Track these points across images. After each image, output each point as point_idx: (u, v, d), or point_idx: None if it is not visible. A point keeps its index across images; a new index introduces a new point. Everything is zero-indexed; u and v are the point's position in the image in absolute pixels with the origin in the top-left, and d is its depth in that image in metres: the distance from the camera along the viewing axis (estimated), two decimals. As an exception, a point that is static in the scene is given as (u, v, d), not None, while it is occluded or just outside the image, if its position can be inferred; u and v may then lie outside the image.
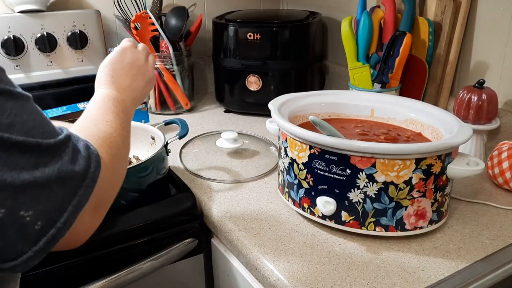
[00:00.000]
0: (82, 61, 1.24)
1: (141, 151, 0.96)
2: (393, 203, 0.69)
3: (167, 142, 0.89)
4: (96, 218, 0.48)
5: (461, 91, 0.96)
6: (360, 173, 0.68)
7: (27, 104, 0.41)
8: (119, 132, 0.54)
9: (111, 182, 0.49)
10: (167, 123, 0.98)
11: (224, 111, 1.34)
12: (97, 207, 0.46)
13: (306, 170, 0.73)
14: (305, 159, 0.73)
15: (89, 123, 0.53)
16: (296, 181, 0.76)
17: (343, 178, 0.70)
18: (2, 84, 0.39)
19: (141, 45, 0.69)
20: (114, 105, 0.58)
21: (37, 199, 0.39)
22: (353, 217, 0.71)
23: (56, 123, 0.45)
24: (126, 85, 0.62)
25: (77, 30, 1.20)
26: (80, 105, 1.13)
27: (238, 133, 1.05)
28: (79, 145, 0.44)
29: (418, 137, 0.82)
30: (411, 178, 0.68)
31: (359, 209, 0.70)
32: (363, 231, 0.72)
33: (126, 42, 0.68)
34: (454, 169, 0.70)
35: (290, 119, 0.82)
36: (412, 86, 1.14)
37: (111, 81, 0.61)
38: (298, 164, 0.75)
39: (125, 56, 0.65)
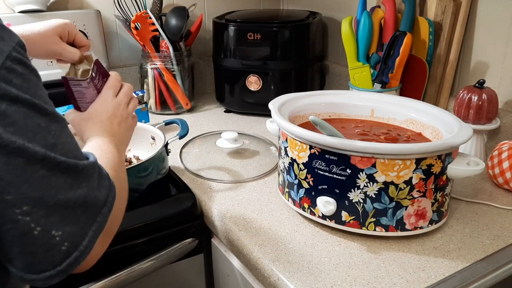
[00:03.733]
0: (82, 61, 1.24)
1: (141, 151, 0.96)
2: (393, 203, 0.69)
3: (167, 142, 0.89)
4: (104, 245, 0.50)
5: (461, 91, 0.96)
6: (360, 173, 0.68)
7: (65, 128, 0.44)
8: (120, 166, 0.57)
9: (119, 210, 0.52)
10: (167, 123, 0.98)
11: (224, 111, 1.34)
12: (106, 234, 0.48)
13: (306, 170, 0.73)
14: (305, 159, 0.73)
15: (97, 153, 0.55)
16: (296, 181, 0.76)
17: (343, 178, 0.70)
18: (48, 105, 0.42)
19: (124, 89, 0.68)
20: (110, 147, 0.59)
21: (65, 220, 0.41)
22: (353, 217, 0.71)
23: None
24: (114, 132, 0.63)
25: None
26: (80, 105, 1.13)
27: (238, 133, 1.05)
28: (103, 173, 0.47)
29: (418, 137, 0.82)
30: (411, 178, 0.68)
31: (359, 209, 0.70)
32: (363, 231, 0.72)
33: (110, 86, 0.66)
34: (454, 169, 0.70)
35: (290, 119, 0.82)
36: (412, 86, 1.14)
37: (101, 130, 0.62)
38: (298, 164, 0.75)
39: (108, 108, 0.65)
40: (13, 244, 0.40)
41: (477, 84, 0.95)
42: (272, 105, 0.83)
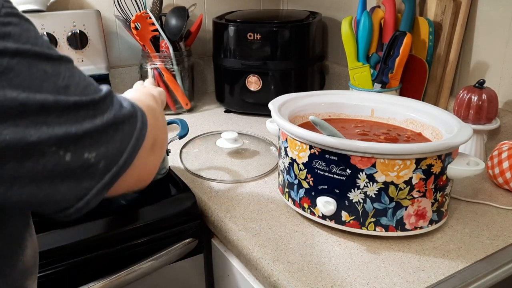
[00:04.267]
0: (82, 61, 1.24)
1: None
2: (393, 203, 0.69)
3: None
4: (155, 157, 0.53)
5: (461, 91, 0.96)
6: (360, 173, 0.68)
7: (75, 67, 0.45)
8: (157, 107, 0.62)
9: (159, 125, 0.55)
10: (167, 123, 0.98)
11: (224, 111, 1.34)
12: (153, 147, 0.52)
13: (306, 170, 0.73)
14: (305, 159, 0.73)
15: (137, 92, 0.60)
16: (296, 181, 0.76)
17: (343, 178, 0.70)
18: (52, 51, 0.42)
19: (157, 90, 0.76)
20: (151, 93, 0.66)
21: (98, 143, 0.44)
22: (353, 217, 0.71)
23: None
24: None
25: (77, 30, 1.20)
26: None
27: (238, 133, 1.05)
28: (119, 97, 0.50)
29: (418, 137, 0.82)
30: (411, 178, 0.68)
31: (359, 209, 0.70)
32: (363, 231, 0.72)
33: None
34: (454, 169, 0.70)
35: (290, 119, 0.82)
36: (412, 86, 1.14)
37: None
38: (298, 164, 0.75)
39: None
40: (51, 179, 0.42)
41: (477, 84, 0.95)
42: (272, 105, 0.83)
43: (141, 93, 0.67)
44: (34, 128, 0.39)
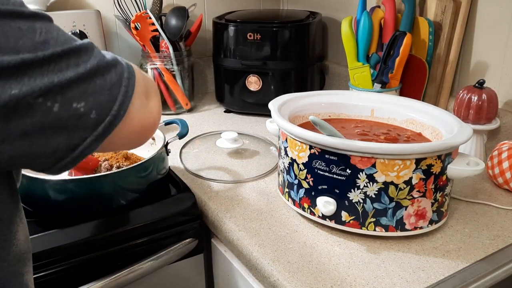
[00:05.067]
0: (82, 61, 1.24)
1: (141, 151, 0.96)
2: (393, 203, 0.69)
3: (167, 142, 0.89)
4: (153, 103, 0.53)
5: (461, 91, 0.96)
6: (360, 173, 0.68)
7: (52, 23, 0.44)
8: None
9: (147, 78, 0.55)
10: (167, 123, 0.98)
11: (224, 111, 1.34)
12: (148, 94, 0.52)
13: (306, 170, 0.73)
14: (305, 159, 0.73)
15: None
16: (296, 181, 0.76)
17: (343, 178, 0.70)
18: (25, 8, 0.42)
19: None
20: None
21: (85, 93, 0.43)
22: (353, 217, 0.71)
23: None
24: None
25: (77, 30, 1.20)
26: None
27: (238, 133, 1.05)
28: (102, 51, 0.49)
29: (418, 137, 0.82)
30: (411, 178, 0.68)
31: (359, 209, 0.70)
32: (363, 231, 0.72)
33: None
34: (454, 169, 0.70)
35: (290, 119, 0.82)
36: (412, 86, 1.14)
37: None
38: (298, 164, 0.75)
39: None
40: (43, 131, 0.42)
41: (477, 84, 0.95)
42: (272, 105, 0.83)
43: None
44: (15, 81, 0.39)
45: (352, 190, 0.70)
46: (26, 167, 0.46)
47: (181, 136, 0.92)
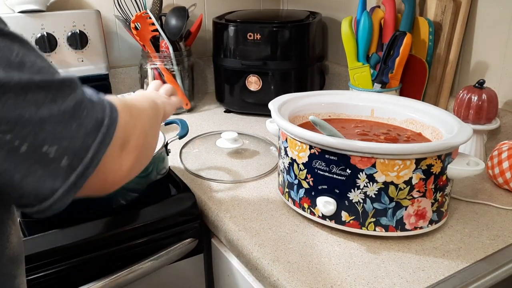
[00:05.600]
0: (82, 61, 1.24)
1: (141, 151, 0.96)
2: (393, 203, 0.69)
3: (167, 142, 0.89)
4: (127, 159, 0.48)
5: (461, 91, 0.96)
6: (360, 173, 0.68)
7: (33, 49, 0.42)
8: (152, 116, 0.59)
9: (136, 125, 0.51)
10: (167, 123, 0.98)
11: (224, 111, 1.34)
12: (125, 147, 0.47)
13: (306, 170, 0.73)
14: (305, 159, 0.73)
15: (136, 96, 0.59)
16: (296, 181, 0.76)
17: (343, 178, 0.70)
18: (3, 25, 0.40)
19: (164, 85, 0.79)
20: (152, 99, 0.63)
21: (59, 135, 0.40)
22: (353, 217, 0.71)
23: None
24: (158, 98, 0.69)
25: (77, 30, 1.20)
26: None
27: (238, 133, 1.05)
28: (87, 88, 0.46)
29: (418, 137, 0.82)
30: (411, 178, 0.68)
31: (359, 209, 0.70)
32: (363, 231, 0.72)
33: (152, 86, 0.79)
34: (454, 169, 0.70)
35: (290, 119, 0.82)
36: (412, 86, 1.14)
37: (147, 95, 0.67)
38: (298, 164, 0.75)
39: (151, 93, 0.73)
40: (9, 172, 0.38)
41: (477, 84, 0.95)
42: (272, 105, 0.83)
43: (140, 95, 0.64)
44: None
45: (352, 190, 0.70)
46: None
47: (181, 136, 0.92)
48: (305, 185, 0.74)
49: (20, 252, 0.50)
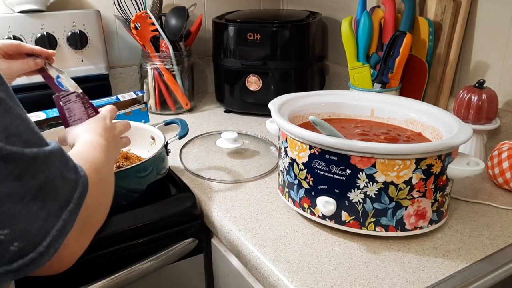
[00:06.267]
0: (82, 61, 1.24)
1: (141, 151, 0.96)
2: (393, 203, 0.69)
3: (167, 142, 0.89)
4: (83, 240, 0.44)
5: (461, 91, 0.96)
6: (360, 173, 0.68)
7: (12, 109, 0.37)
8: (106, 162, 0.55)
9: (97, 204, 0.47)
10: (167, 123, 0.98)
11: (224, 111, 1.34)
12: (84, 230, 0.43)
13: (306, 170, 0.73)
14: (305, 159, 0.73)
15: (77, 153, 0.54)
16: (296, 181, 0.76)
17: (343, 178, 0.70)
18: None
19: (120, 121, 0.75)
20: (100, 144, 0.59)
21: (15, 216, 0.35)
22: (353, 217, 0.71)
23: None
24: (107, 138, 0.64)
25: (77, 30, 1.20)
26: (80, 105, 1.13)
27: (238, 133, 1.05)
28: (70, 164, 0.41)
29: (418, 137, 0.82)
30: (411, 178, 0.68)
31: (359, 209, 0.70)
32: (363, 231, 0.72)
33: (108, 110, 0.73)
34: (454, 169, 0.70)
35: (290, 119, 0.82)
36: (412, 86, 1.14)
37: (96, 133, 0.63)
38: (298, 164, 0.75)
39: (105, 123, 0.69)
40: None
41: (477, 84, 0.95)
42: (272, 105, 0.83)
43: (88, 148, 0.57)
44: None
45: (352, 190, 0.70)
46: None
47: (181, 136, 0.92)
48: (305, 185, 0.74)
49: None
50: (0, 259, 0.36)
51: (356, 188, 0.69)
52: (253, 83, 1.25)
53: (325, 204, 0.72)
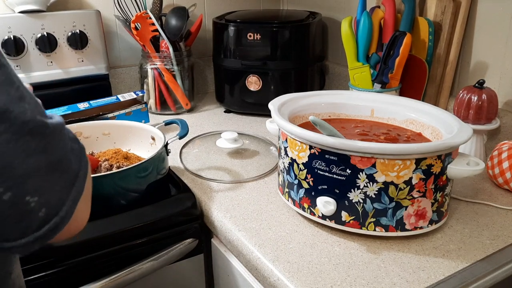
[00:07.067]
0: (82, 61, 1.24)
1: (141, 151, 0.96)
2: (393, 203, 0.69)
3: (167, 142, 0.89)
4: (88, 209, 0.48)
5: (461, 91, 0.96)
6: (360, 173, 0.68)
7: (21, 82, 0.40)
8: None
9: (90, 171, 0.50)
10: (167, 123, 0.98)
11: (224, 111, 1.34)
12: (87, 199, 0.47)
13: (306, 170, 0.73)
14: (305, 159, 0.73)
15: None
16: (296, 181, 0.76)
17: (343, 178, 0.70)
18: (4, 59, 0.38)
19: None
20: None
21: (41, 187, 0.39)
22: (353, 217, 0.71)
23: None
24: None
25: (77, 30, 1.21)
26: (80, 105, 1.13)
27: (238, 133, 1.05)
28: (71, 135, 0.44)
29: (418, 137, 0.82)
30: (411, 178, 0.68)
31: (359, 209, 0.70)
32: (363, 231, 0.72)
33: None
34: (454, 169, 0.70)
35: (290, 119, 0.82)
36: (412, 86, 1.14)
37: None
38: (298, 164, 0.75)
39: None
40: None
41: (477, 84, 0.95)
42: (272, 105, 0.83)
43: None
44: None
45: (352, 190, 0.70)
46: None
47: (181, 136, 0.92)
48: (305, 185, 0.74)
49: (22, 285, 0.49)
50: (30, 227, 0.39)
51: (356, 188, 0.69)
52: (253, 83, 1.25)
53: (325, 204, 0.72)
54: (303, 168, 0.74)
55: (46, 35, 1.17)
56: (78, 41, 1.21)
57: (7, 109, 0.36)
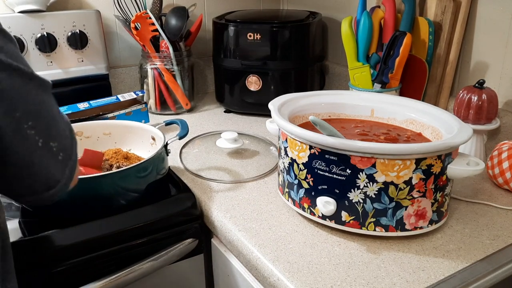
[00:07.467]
0: (82, 61, 1.24)
1: (141, 151, 0.96)
2: (393, 203, 0.69)
3: (167, 142, 0.89)
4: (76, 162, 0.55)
5: (461, 91, 0.96)
6: (360, 173, 0.68)
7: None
8: None
9: None
10: (167, 123, 0.98)
11: (224, 111, 1.34)
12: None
13: (306, 170, 0.73)
14: (305, 159, 0.73)
15: None
16: (296, 181, 0.76)
17: (343, 178, 0.70)
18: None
19: None
20: None
21: (58, 133, 0.45)
22: (353, 217, 0.71)
23: None
24: None
25: (77, 30, 1.20)
26: (80, 105, 1.13)
27: (238, 133, 1.05)
28: None
29: (418, 137, 0.82)
30: (411, 178, 0.68)
31: (359, 209, 0.70)
32: (363, 231, 0.72)
33: None
34: (454, 169, 0.70)
35: (290, 119, 0.82)
36: (412, 86, 1.14)
37: None
38: (298, 164, 0.75)
39: None
40: (33, 166, 0.43)
41: (477, 84, 0.95)
42: (272, 105, 0.83)
43: None
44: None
45: (352, 190, 0.70)
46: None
47: (181, 136, 0.92)
48: (305, 185, 0.74)
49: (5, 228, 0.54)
50: (58, 170, 0.45)
51: (356, 188, 0.69)
52: (253, 83, 1.25)
53: (325, 204, 0.72)
54: (303, 168, 0.74)
55: (46, 35, 1.17)
56: (78, 41, 1.21)
57: (32, 73, 0.44)
